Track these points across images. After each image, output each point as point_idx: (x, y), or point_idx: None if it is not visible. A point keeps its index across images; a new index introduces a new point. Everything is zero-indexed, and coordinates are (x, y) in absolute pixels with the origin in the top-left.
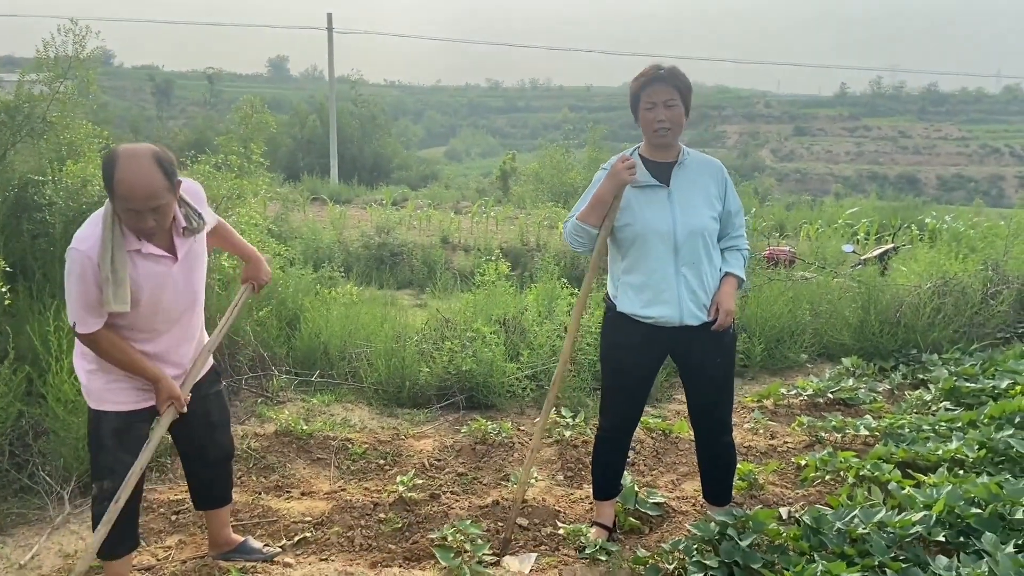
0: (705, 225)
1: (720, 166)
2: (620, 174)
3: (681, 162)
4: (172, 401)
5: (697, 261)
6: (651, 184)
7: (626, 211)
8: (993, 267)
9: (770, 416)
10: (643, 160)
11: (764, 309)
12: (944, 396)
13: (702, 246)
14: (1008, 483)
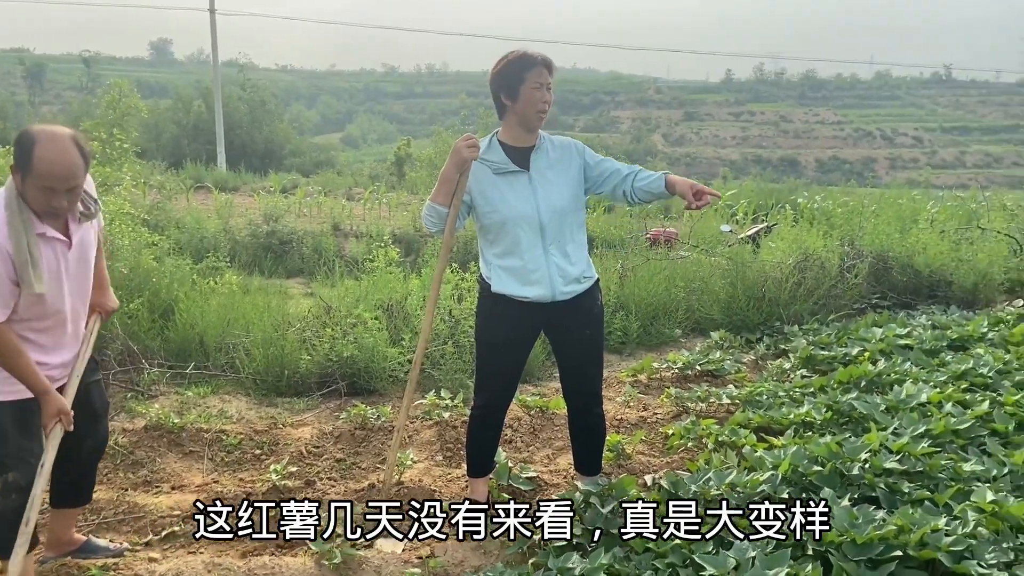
0: (567, 205)
1: (576, 144)
2: (461, 151)
3: (539, 146)
4: (60, 417)
5: (563, 240)
6: (512, 170)
7: (490, 198)
8: (849, 243)
9: (643, 389)
10: (503, 147)
11: (641, 288)
12: (801, 364)
13: (566, 225)
14: (847, 442)
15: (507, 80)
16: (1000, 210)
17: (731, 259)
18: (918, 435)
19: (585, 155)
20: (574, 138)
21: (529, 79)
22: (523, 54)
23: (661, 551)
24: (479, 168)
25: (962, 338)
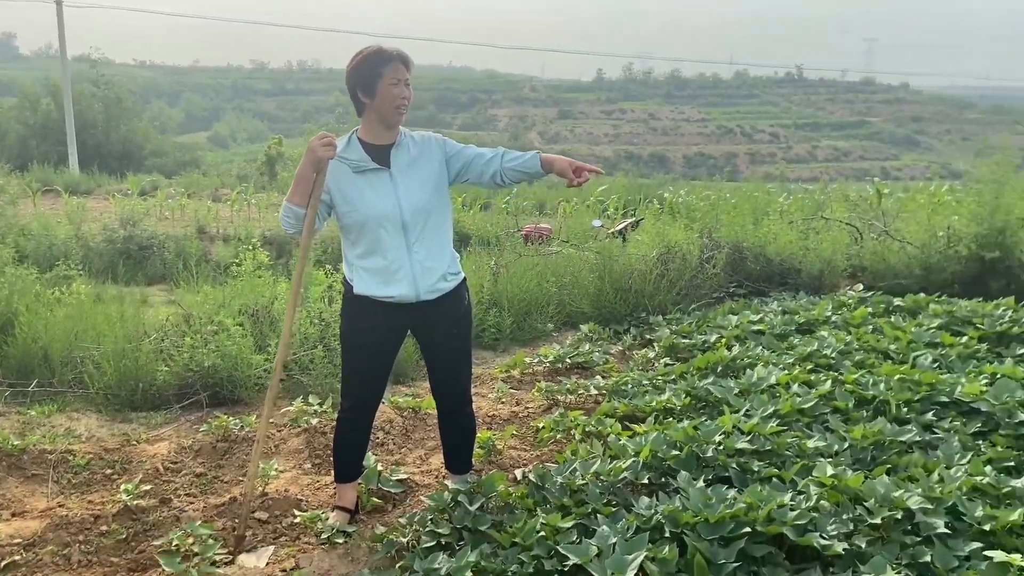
0: (430, 202)
1: (436, 138)
2: (316, 151)
3: (399, 143)
4: None
5: (427, 238)
6: (372, 168)
7: (350, 197)
8: (708, 235)
9: (516, 385)
10: (362, 144)
11: (514, 284)
12: (664, 353)
13: (430, 223)
14: (703, 425)
15: (363, 77)
16: (843, 201)
17: (599, 253)
18: (767, 415)
19: (446, 147)
20: (452, 136)
21: (386, 75)
22: (378, 49)
23: (527, 544)
24: (337, 167)
25: (809, 322)
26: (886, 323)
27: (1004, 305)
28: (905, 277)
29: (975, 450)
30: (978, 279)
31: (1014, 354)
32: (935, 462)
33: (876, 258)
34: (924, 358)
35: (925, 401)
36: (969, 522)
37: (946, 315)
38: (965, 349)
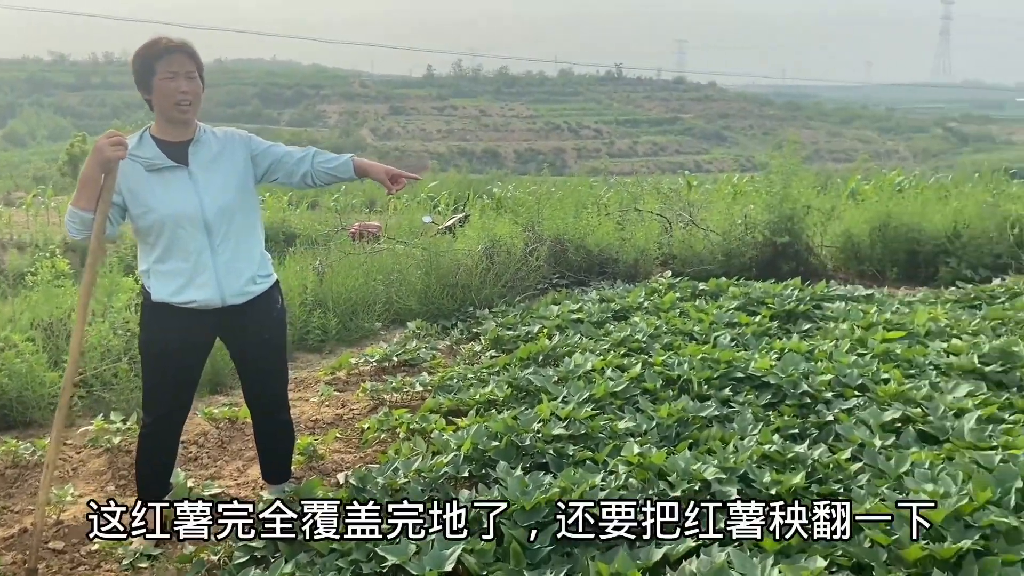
0: (234, 201)
1: (241, 134)
2: (103, 150)
3: (198, 139)
4: None
5: (233, 239)
6: (167, 166)
7: (144, 197)
8: (531, 228)
9: (341, 386)
10: (156, 141)
11: (340, 283)
12: (490, 345)
13: (236, 223)
14: (523, 415)
15: (138, 73)
16: (655, 193)
17: (426, 250)
18: (583, 401)
19: (251, 144)
20: (279, 133)
21: (160, 69)
22: (152, 42)
23: (345, 549)
24: (129, 166)
25: (624, 308)
26: (691, 306)
27: (792, 285)
28: (710, 263)
29: (765, 420)
30: (772, 262)
31: (800, 330)
32: (731, 434)
33: (684, 246)
34: (723, 337)
35: (724, 377)
36: (759, 487)
37: (743, 297)
38: (759, 327)
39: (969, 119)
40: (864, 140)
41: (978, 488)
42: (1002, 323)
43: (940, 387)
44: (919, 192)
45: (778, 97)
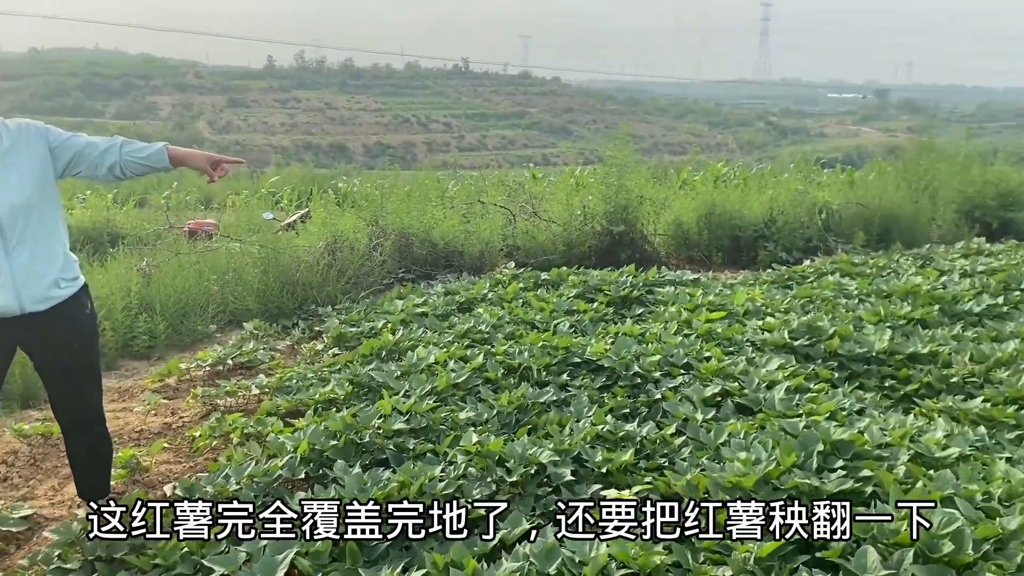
0: (32, 199)
1: (37, 126)
2: None
3: None
4: None
5: (32, 239)
6: None
7: None
8: (375, 222)
9: (172, 394)
10: None
11: (168, 285)
12: (333, 343)
13: (35, 222)
14: (363, 412)
15: None
16: (500, 186)
17: (263, 247)
18: (425, 394)
19: (49, 136)
20: (105, 127)
21: None
22: None
23: (170, 563)
24: None
25: (469, 301)
26: (534, 296)
27: (627, 272)
28: (552, 253)
29: (600, 402)
30: (610, 250)
31: (633, 314)
32: (567, 417)
33: (528, 237)
34: (563, 325)
35: (562, 363)
36: (591, 467)
37: (582, 285)
38: (596, 313)
39: (787, 114)
40: (696, 134)
41: (784, 453)
42: (810, 301)
43: (755, 362)
44: (741, 182)
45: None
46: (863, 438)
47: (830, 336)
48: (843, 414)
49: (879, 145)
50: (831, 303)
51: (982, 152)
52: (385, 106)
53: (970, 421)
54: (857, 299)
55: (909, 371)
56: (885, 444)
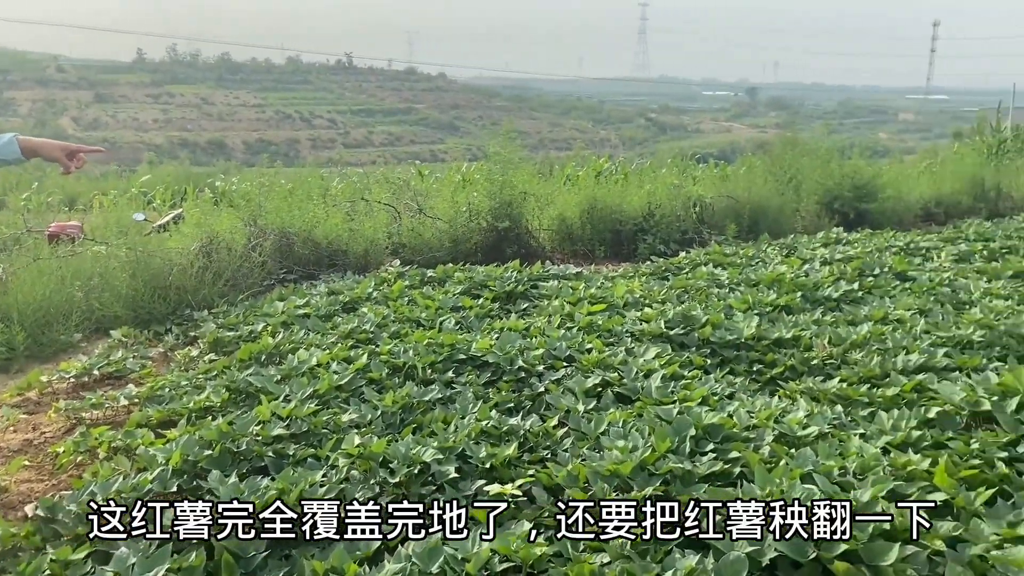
0: None
1: None
2: None
3: None
4: None
5: None
6: None
7: None
8: (253, 222)
9: (32, 408)
10: None
11: (27, 292)
12: (210, 348)
13: None
14: (240, 419)
15: None
16: (384, 183)
17: (131, 249)
18: (306, 397)
19: None
20: None
21: None
22: None
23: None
24: None
25: (353, 300)
26: (419, 294)
27: (512, 268)
28: (438, 250)
29: (484, 398)
30: (496, 246)
31: (518, 309)
32: (452, 415)
33: (413, 235)
34: (448, 322)
35: (447, 361)
36: (475, 463)
37: (468, 281)
38: (481, 309)
39: (666, 110)
40: (581, 130)
41: (659, 439)
42: (685, 291)
43: (634, 352)
44: (623, 177)
45: (505, 90)
46: (732, 421)
47: (703, 324)
48: (714, 399)
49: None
50: (704, 293)
51: (841, 147)
52: (266, 101)
53: (828, 401)
54: (728, 288)
55: (774, 355)
56: (752, 426)
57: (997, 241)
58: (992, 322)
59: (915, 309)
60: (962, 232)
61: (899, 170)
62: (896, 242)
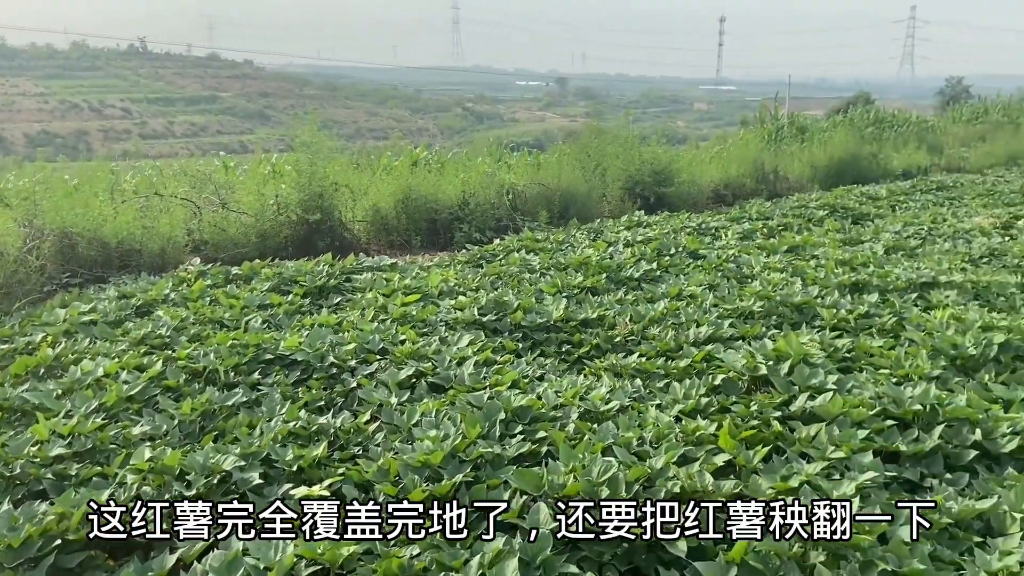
0: None
1: None
2: None
3: None
4: None
5: None
6: None
7: None
8: (28, 222)
9: None
10: None
11: None
12: None
13: None
14: (12, 440)
15: None
16: (183, 176)
17: None
18: (91, 411)
19: None
20: None
21: None
22: None
23: None
24: None
25: (147, 303)
26: (222, 293)
27: (323, 261)
28: (244, 246)
29: (293, 398)
30: (308, 240)
31: (330, 304)
32: (258, 418)
33: (216, 231)
34: (255, 321)
35: (253, 362)
36: (282, 466)
37: (277, 277)
38: (291, 306)
39: (482, 100)
40: (398, 119)
41: (469, 426)
42: (498, 277)
43: (448, 340)
44: (440, 166)
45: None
46: (540, 402)
47: (515, 309)
48: (525, 382)
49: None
50: (517, 278)
51: (642, 135)
52: (49, 90)
53: (629, 375)
54: (539, 273)
55: (581, 335)
56: (559, 405)
57: (775, 219)
58: (770, 293)
59: (705, 285)
60: (746, 212)
61: (693, 156)
62: (690, 223)
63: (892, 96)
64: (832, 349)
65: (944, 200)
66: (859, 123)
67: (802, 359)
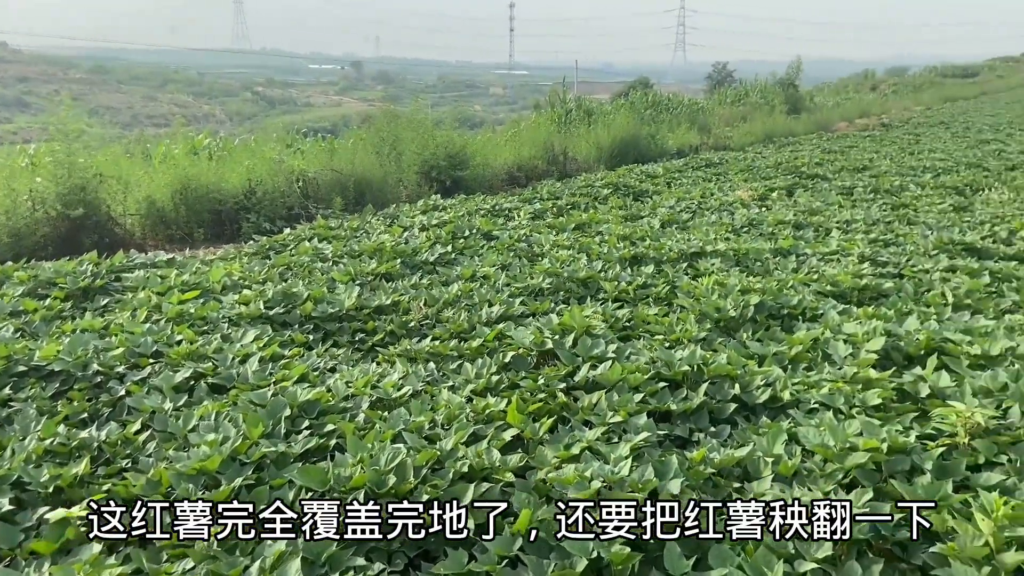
0: None
1: None
2: None
3: None
4: None
5: None
6: None
7: None
8: None
9: None
10: None
11: None
12: None
13: None
14: None
15: None
16: None
17: None
18: None
19: None
20: None
21: None
22: None
23: None
24: None
25: None
26: None
27: (87, 260)
28: None
29: (52, 412)
30: (72, 237)
31: (97, 307)
32: (11, 437)
33: None
34: (5, 330)
35: (3, 375)
36: (36, 489)
37: (31, 280)
38: (48, 311)
39: (273, 84)
40: (180, 104)
41: (251, 425)
42: (288, 268)
43: (231, 338)
44: (226, 154)
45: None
46: (328, 395)
47: (304, 300)
48: (315, 375)
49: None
50: (308, 268)
51: (438, 119)
52: None
53: (423, 359)
54: (332, 261)
55: (375, 323)
56: (350, 396)
57: (564, 199)
58: (558, 270)
59: (498, 265)
60: (537, 193)
61: (488, 139)
62: (484, 205)
63: (668, 81)
64: (613, 320)
65: (712, 176)
66: (639, 106)
67: (585, 331)
